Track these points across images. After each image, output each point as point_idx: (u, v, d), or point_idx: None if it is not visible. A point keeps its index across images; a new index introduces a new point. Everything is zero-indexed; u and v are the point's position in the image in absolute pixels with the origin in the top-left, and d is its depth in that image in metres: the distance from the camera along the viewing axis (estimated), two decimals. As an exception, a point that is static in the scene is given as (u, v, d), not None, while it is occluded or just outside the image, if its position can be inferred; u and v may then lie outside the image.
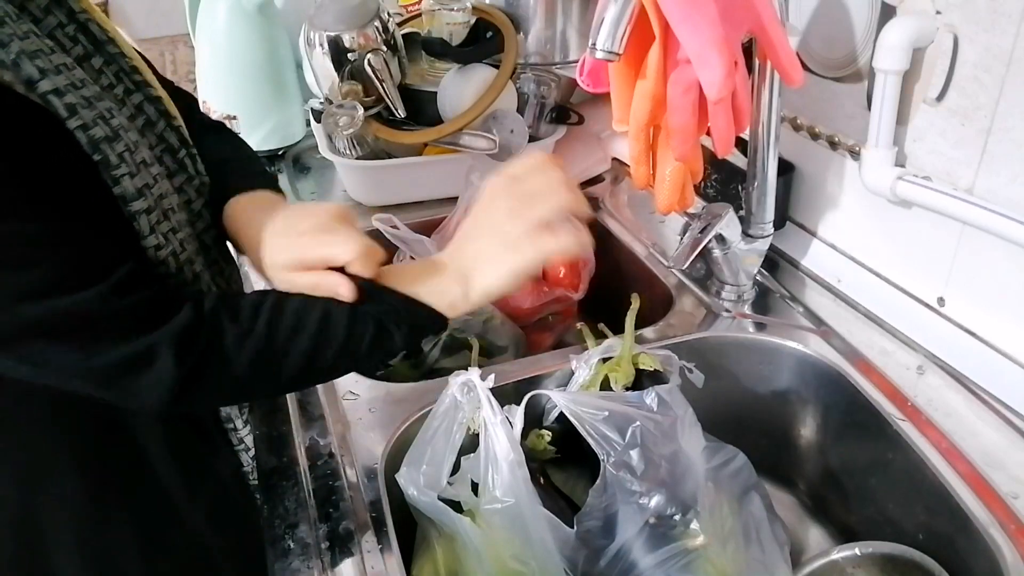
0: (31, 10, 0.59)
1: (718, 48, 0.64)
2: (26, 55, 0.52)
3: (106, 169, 0.56)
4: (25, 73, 0.52)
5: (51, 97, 0.53)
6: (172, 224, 0.62)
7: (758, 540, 0.71)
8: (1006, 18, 0.68)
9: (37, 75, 0.52)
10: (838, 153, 0.90)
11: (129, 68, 0.65)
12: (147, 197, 0.58)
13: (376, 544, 0.64)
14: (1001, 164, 0.71)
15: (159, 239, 0.60)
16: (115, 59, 0.64)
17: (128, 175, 0.57)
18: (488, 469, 0.67)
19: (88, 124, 0.55)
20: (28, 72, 0.52)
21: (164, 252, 0.60)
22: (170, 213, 0.62)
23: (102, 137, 0.55)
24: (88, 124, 0.55)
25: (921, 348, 0.82)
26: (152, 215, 0.59)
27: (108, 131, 0.56)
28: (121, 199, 0.57)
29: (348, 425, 0.76)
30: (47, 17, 0.60)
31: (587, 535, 0.68)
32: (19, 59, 0.52)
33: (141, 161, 0.59)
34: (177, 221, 0.63)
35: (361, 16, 1.09)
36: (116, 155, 0.56)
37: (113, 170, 0.56)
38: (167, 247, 0.61)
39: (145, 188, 0.59)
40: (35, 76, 0.52)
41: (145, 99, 0.65)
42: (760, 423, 0.90)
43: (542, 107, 1.20)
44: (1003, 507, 0.64)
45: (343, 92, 1.10)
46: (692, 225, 0.86)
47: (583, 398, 0.71)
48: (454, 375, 0.72)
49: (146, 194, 0.58)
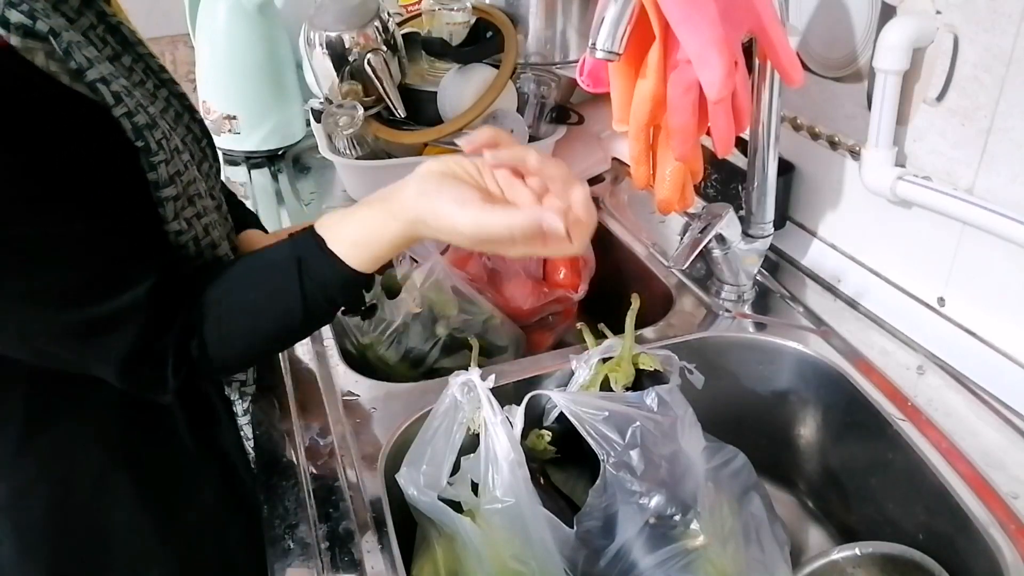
0: (64, 11, 0.61)
1: (718, 48, 0.64)
2: (75, 45, 0.54)
3: (147, 155, 0.58)
4: (75, 62, 0.54)
5: (99, 85, 0.55)
6: (197, 209, 0.64)
7: (758, 540, 0.71)
8: (1006, 18, 0.68)
9: (86, 64, 0.54)
10: (838, 153, 0.90)
11: (157, 67, 0.69)
12: (176, 184, 0.61)
13: (376, 544, 0.64)
14: (1001, 164, 0.71)
15: (181, 224, 0.62)
16: (143, 58, 0.68)
17: (164, 162, 0.60)
18: (488, 469, 0.67)
19: (132, 111, 0.57)
20: (79, 61, 0.54)
21: (185, 237, 0.63)
22: (196, 199, 0.64)
23: (144, 124, 0.58)
24: (132, 111, 0.57)
25: (921, 348, 0.82)
26: (179, 202, 0.62)
27: (148, 119, 0.59)
28: (154, 185, 0.60)
29: (348, 425, 0.76)
30: (80, 18, 0.62)
31: (587, 535, 0.68)
32: (70, 49, 0.54)
33: (174, 148, 0.62)
34: (203, 207, 0.65)
35: (361, 16, 1.09)
36: (155, 142, 0.59)
37: (152, 156, 0.59)
38: (188, 232, 0.63)
39: (176, 175, 0.61)
40: (84, 65, 0.54)
41: (171, 94, 0.70)
42: (760, 423, 0.90)
43: (542, 107, 1.20)
44: (1003, 507, 0.64)
45: (343, 92, 1.10)
46: (692, 225, 0.86)
47: (583, 398, 0.71)
48: (454, 375, 0.72)
49: (176, 181, 0.61)
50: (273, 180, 1.35)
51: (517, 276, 1.07)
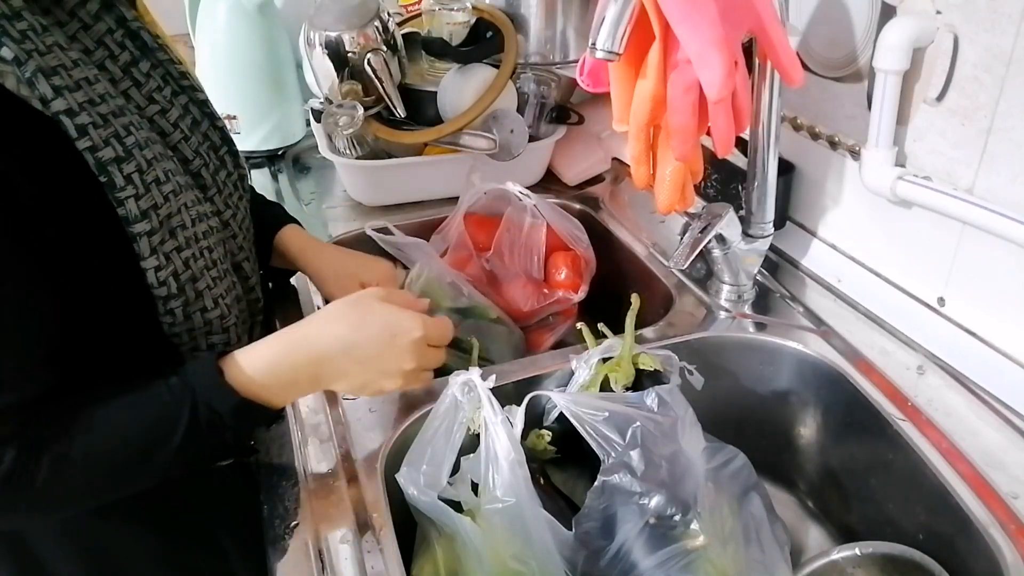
0: (81, 16, 0.60)
1: (718, 48, 0.64)
2: (43, 73, 0.53)
3: (111, 191, 0.56)
4: (39, 91, 0.53)
5: (63, 117, 0.54)
6: (178, 242, 0.62)
7: (758, 540, 0.71)
8: (1006, 18, 0.68)
9: (51, 94, 0.53)
10: (838, 153, 0.90)
11: (177, 73, 0.68)
12: (151, 219, 0.59)
13: (376, 544, 0.64)
14: (1001, 164, 0.71)
15: (159, 260, 0.60)
16: (163, 64, 0.67)
17: (133, 196, 0.57)
18: (488, 468, 0.67)
19: (97, 145, 0.55)
20: (42, 91, 0.53)
21: (163, 273, 0.61)
22: (179, 231, 0.62)
23: (111, 158, 0.56)
24: (97, 145, 0.55)
25: (921, 348, 0.82)
26: (155, 236, 0.59)
27: (119, 151, 0.57)
28: (124, 220, 0.57)
29: (348, 425, 0.76)
30: (97, 23, 0.61)
31: (586, 536, 0.68)
32: (35, 77, 0.52)
33: (153, 180, 0.59)
34: (186, 237, 0.63)
35: (361, 16, 1.09)
36: (123, 176, 0.57)
37: (117, 192, 0.57)
38: (167, 268, 0.61)
39: (152, 209, 0.59)
40: (48, 95, 0.53)
41: (191, 101, 0.69)
42: (760, 423, 0.90)
43: (542, 107, 1.20)
44: (1003, 507, 0.64)
45: (343, 92, 1.10)
46: (692, 225, 0.86)
47: (584, 399, 0.71)
48: (454, 375, 0.72)
49: (150, 215, 0.59)
50: (273, 180, 1.35)
51: (517, 278, 1.06)
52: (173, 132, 0.66)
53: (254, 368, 0.61)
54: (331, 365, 0.64)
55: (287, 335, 0.64)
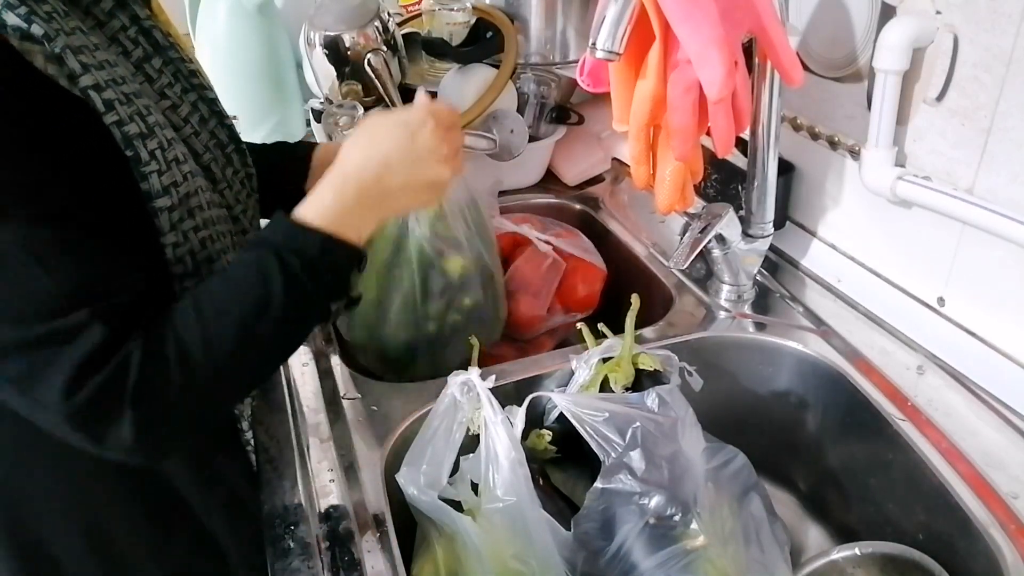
0: (95, 14, 0.61)
1: (718, 48, 0.64)
2: (71, 50, 0.54)
3: (136, 165, 0.57)
4: (68, 67, 0.54)
5: (91, 92, 0.55)
6: (196, 222, 0.63)
7: (758, 541, 0.71)
8: (1006, 18, 0.68)
9: (79, 70, 0.54)
10: (838, 153, 0.90)
11: (187, 72, 0.69)
12: (172, 195, 0.60)
13: (376, 544, 0.64)
14: (1001, 164, 0.71)
15: (178, 236, 0.61)
16: (174, 62, 0.68)
17: (156, 172, 0.59)
18: (489, 468, 0.68)
19: (123, 120, 0.56)
20: (72, 66, 0.54)
21: (181, 250, 0.62)
22: (196, 211, 0.63)
23: (136, 133, 0.57)
24: (123, 120, 0.56)
25: (921, 348, 0.82)
26: (175, 212, 0.60)
27: (143, 127, 0.58)
28: (147, 195, 0.58)
29: (348, 425, 0.76)
30: (111, 20, 0.63)
31: (585, 536, 0.68)
32: (63, 53, 0.53)
33: (173, 159, 0.61)
34: (203, 219, 0.64)
35: (361, 16, 1.09)
36: (148, 152, 0.58)
37: (143, 166, 0.58)
38: (184, 245, 0.62)
39: (172, 186, 0.60)
40: (77, 71, 0.54)
41: (200, 99, 0.70)
42: (760, 423, 0.90)
43: (542, 107, 1.20)
44: (1003, 507, 0.64)
45: (343, 92, 1.10)
46: (692, 225, 0.86)
47: (584, 399, 0.71)
48: (454, 375, 0.72)
49: (171, 192, 0.60)
50: (273, 180, 1.35)
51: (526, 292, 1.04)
52: (184, 127, 0.67)
53: (318, 211, 0.62)
54: (380, 187, 0.64)
55: (328, 181, 0.64)
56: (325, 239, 0.61)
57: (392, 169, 0.64)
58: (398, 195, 0.66)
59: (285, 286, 0.58)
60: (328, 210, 0.62)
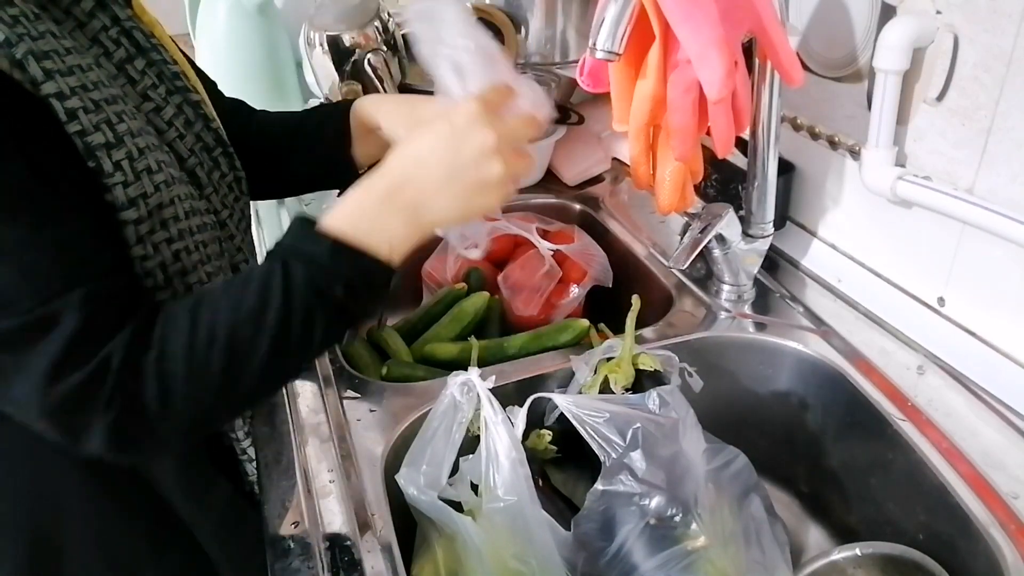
0: (75, 14, 0.60)
1: (718, 48, 0.64)
2: (34, 55, 0.53)
3: (98, 176, 0.56)
4: (30, 74, 0.53)
5: (52, 100, 0.53)
6: (169, 234, 0.61)
7: (758, 541, 0.71)
8: (1006, 18, 0.68)
9: (41, 76, 0.53)
10: (838, 153, 0.90)
11: (171, 74, 0.68)
12: (139, 207, 0.58)
13: (376, 544, 0.64)
14: (1001, 164, 0.71)
15: (146, 249, 0.59)
16: (157, 64, 0.67)
17: (122, 184, 0.56)
18: (489, 468, 0.67)
19: (87, 130, 0.55)
20: (33, 73, 0.53)
21: (151, 263, 0.60)
22: (171, 222, 0.61)
23: (100, 144, 0.55)
24: (87, 130, 0.55)
25: (921, 348, 0.82)
26: (142, 225, 0.58)
27: (110, 137, 0.56)
28: (111, 206, 0.57)
29: (348, 425, 0.76)
30: (91, 21, 0.61)
31: (585, 537, 0.68)
32: (25, 60, 0.52)
33: (144, 169, 0.58)
34: (179, 229, 0.62)
35: (361, 16, 1.09)
36: (112, 163, 0.56)
37: (106, 178, 0.56)
38: (155, 258, 0.60)
39: (140, 197, 0.58)
40: (39, 78, 0.53)
41: (184, 101, 0.68)
42: (760, 423, 0.90)
43: (542, 107, 1.20)
44: (1003, 507, 0.64)
45: (343, 92, 1.10)
46: (692, 225, 0.86)
47: (585, 400, 0.71)
48: (453, 375, 0.72)
49: (139, 203, 0.58)
50: (273, 180, 1.35)
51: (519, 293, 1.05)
52: (168, 130, 0.66)
53: (341, 215, 0.56)
54: (413, 188, 0.56)
55: (365, 180, 0.57)
56: (335, 246, 0.54)
57: (427, 166, 0.56)
58: (437, 198, 0.57)
59: (284, 296, 0.53)
60: (349, 215, 0.56)
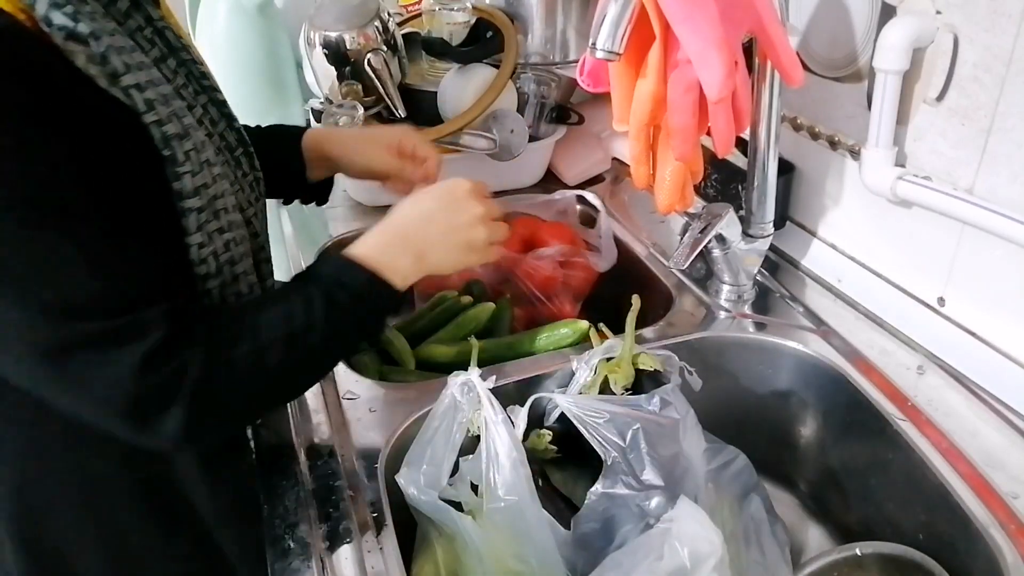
0: (112, 13, 0.61)
1: (718, 48, 0.64)
2: (114, 50, 0.54)
3: (172, 165, 0.58)
4: (112, 66, 0.54)
5: (133, 91, 0.55)
6: (221, 224, 0.64)
7: (758, 542, 0.71)
8: (1006, 18, 0.68)
9: (122, 69, 0.54)
10: (838, 153, 0.90)
11: (199, 73, 0.70)
12: (201, 196, 0.61)
13: (376, 544, 0.64)
14: (1001, 164, 0.71)
15: (203, 237, 0.62)
16: (187, 64, 0.68)
17: (190, 173, 0.59)
18: (489, 468, 0.67)
19: (163, 120, 0.57)
20: (115, 65, 0.54)
21: (206, 251, 0.62)
22: (221, 213, 0.64)
23: (174, 134, 0.58)
24: (163, 120, 0.57)
25: (921, 348, 0.82)
26: (203, 214, 0.61)
27: (179, 128, 0.59)
28: (177, 195, 0.59)
29: (348, 425, 0.76)
30: (128, 20, 0.62)
31: (585, 537, 0.68)
32: (107, 53, 0.53)
33: (205, 160, 0.61)
34: (228, 222, 0.65)
35: (361, 16, 1.09)
36: (183, 152, 0.59)
37: (178, 167, 0.58)
38: (209, 246, 0.62)
39: (202, 187, 0.61)
40: (120, 70, 0.54)
41: (210, 101, 0.70)
42: (760, 423, 0.90)
43: (542, 107, 1.20)
44: (1003, 507, 0.64)
45: (343, 92, 1.10)
46: (692, 225, 0.86)
47: (585, 401, 0.71)
48: (453, 375, 0.72)
49: (201, 193, 0.61)
50: (273, 180, 1.35)
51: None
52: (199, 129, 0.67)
53: (368, 251, 0.68)
54: (420, 236, 0.71)
55: (385, 224, 0.71)
56: (372, 275, 0.66)
57: (434, 219, 0.72)
58: (438, 246, 0.71)
59: (326, 314, 0.63)
60: (373, 250, 0.68)
